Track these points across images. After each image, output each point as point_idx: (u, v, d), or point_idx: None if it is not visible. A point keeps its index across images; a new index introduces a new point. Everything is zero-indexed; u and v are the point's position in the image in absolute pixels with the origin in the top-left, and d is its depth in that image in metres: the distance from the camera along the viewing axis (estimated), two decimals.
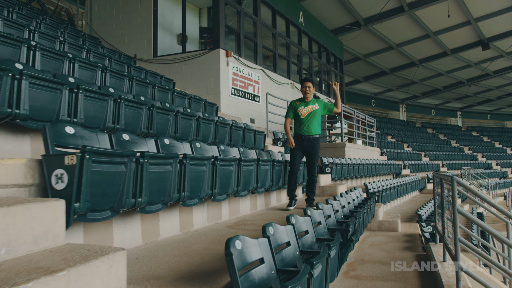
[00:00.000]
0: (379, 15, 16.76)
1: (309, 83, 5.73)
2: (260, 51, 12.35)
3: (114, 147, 3.27)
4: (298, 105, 5.84)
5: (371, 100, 30.80)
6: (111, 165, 2.44)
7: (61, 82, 3.53)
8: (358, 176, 11.12)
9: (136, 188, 2.64)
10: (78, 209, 2.21)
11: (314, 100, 5.91)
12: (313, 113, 5.77)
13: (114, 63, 7.44)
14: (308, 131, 5.75)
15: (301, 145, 5.75)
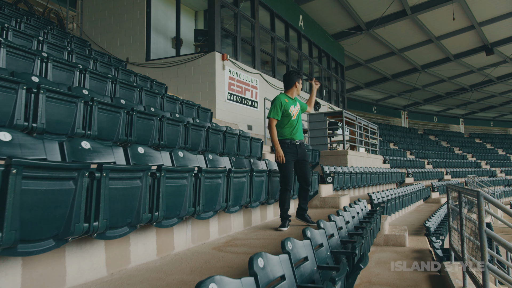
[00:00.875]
0: (381, 19, 16.32)
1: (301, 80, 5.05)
2: (258, 55, 11.87)
3: (66, 158, 2.73)
4: (288, 104, 4.84)
5: (373, 107, 30.31)
6: (52, 181, 1.92)
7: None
8: (361, 185, 10.57)
9: (91, 209, 2.10)
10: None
11: (296, 99, 5.10)
12: (300, 114, 5.02)
13: (100, 65, 6.94)
14: (300, 135, 4.93)
15: (295, 153, 4.83)
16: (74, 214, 2.03)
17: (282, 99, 4.85)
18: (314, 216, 6.22)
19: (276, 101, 4.84)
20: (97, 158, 2.92)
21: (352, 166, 10.71)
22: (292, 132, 4.83)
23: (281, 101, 4.81)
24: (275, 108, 4.80)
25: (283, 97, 4.89)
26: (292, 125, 4.84)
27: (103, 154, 2.97)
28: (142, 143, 4.37)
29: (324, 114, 11.94)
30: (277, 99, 4.87)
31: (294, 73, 4.95)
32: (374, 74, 24.16)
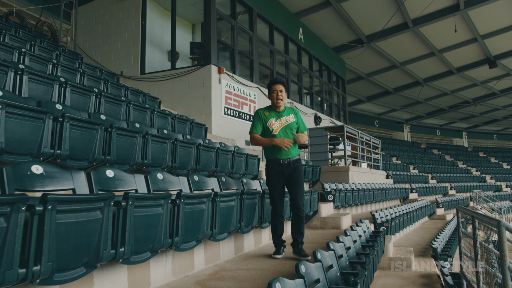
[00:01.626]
0: (382, 32, 16.07)
1: (281, 86, 4.23)
2: (256, 68, 11.56)
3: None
4: (267, 116, 4.25)
5: (375, 121, 29.95)
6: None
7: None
8: (363, 202, 10.14)
9: (30, 250, 1.76)
10: None
11: (289, 109, 4.38)
12: (289, 127, 4.24)
13: (88, 79, 6.60)
14: (286, 153, 4.19)
15: (280, 172, 4.18)
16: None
17: (261, 111, 4.31)
18: (314, 238, 5.80)
19: (255, 114, 4.35)
20: (52, 184, 2.53)
21: (354, 183, 10.29)
22: (275, 151, 4.20)
23: (259, 114, 4.29)
24: (252, 122, 4.33)
25: (264, 109, 4.33)
26: None
27: (59, 180, 2.58)
28: (123, 162, 4.00)
29: (324, 128, 11.58)
30: (256, 112, 4.38)
31: (272, 81, 4.32)
32: (376, 88, 23.86)
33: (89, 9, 11.48)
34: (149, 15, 10.66)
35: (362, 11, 14.79)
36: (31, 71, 4.34)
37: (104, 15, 11.12)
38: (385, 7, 14.58)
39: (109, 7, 11.07)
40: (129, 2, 10.70)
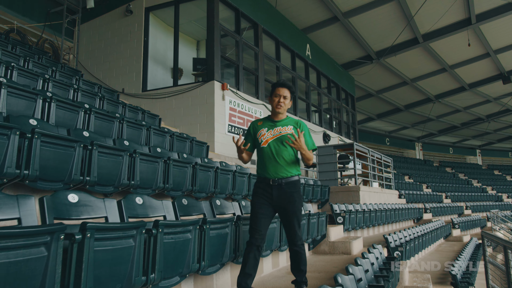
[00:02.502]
0: (392, 48, 15.72)
1: (287, 91, 3.46)
2: (262, 85, 11.23)
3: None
4: (259, 127, 3.55)
5: (385, 139, 29.37)
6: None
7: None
8: (375, 224, 9.60)
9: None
10: None
11: (291, 121, 3.55)
12: (283, 139, 3.41)
13: (83, 95, 6.30)
14: (277, 171, 3.37)
15: (268, 195, 3.33)
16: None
17: (255, 122, 3.64)
18: (322, 266, 5.31)
19: (248, 127, 3.71)
20: None
21: (365, 203, 9.77)
22: (263, 166, 3.44)
23: (251, 125, 3.64)
24: None
25: (260, 119, 3.66)
26: (262, 156, 3.47)
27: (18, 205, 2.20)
28: (106, 184, 3.61)
29: (333, 146, 11.13)
30: (250, 125, 3.72)
31: (276, 83, 3.59)
32: (386, 105, 23.41)
33: (92, 26, 11.33)
34: (152, 32, 10.45)
35: (370, 27, 14.49)
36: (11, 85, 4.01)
37: (106, 32, 10.95)
38: (394, 22, 14.26)
39: (112, 24, 10.90)
40: (132, 19, 10.52)
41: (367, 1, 12.89)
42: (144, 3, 10.43)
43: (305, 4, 12.75)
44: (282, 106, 3.46)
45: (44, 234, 1.67)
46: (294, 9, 12.95)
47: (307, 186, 8.48)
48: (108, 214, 2.68)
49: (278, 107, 3.46)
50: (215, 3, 9.63)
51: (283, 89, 3.47)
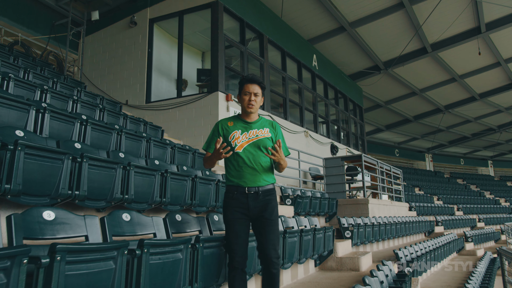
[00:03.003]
0: (400, 58, 15.51)
1: (257, 88, 3.08)
2: (267, 96, 11.05)
3: None
4: (230, 128, 3.12)
5: (395, 150, 28.98)
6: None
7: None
8: (385, 238, 9.29)
9: None
10: None
11: (266, 122, 3.22)
12: (262, 144, 3.06)
13: (83, 107, 6.16)
14: (254, 179, 3.03)
15: (243, 205, 2.98)
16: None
17: (223, 122, 3.18)
18: (328, 284, 5.03)
19: (214, 126, 3.23)
20: None
21: (375, 216, 9.48)
22: (238, 174, 3.03)
23: (218, 126, 3.17)
24: (209, 136, 3.22)
25: (228, 119, 3.20)
26: (236, 162, 3.04)
27: None
28: (97, 198, 3.42)
29: (341, 158, 10.87)
30: (216, 123, 3.24)
31: (244, 78, 3.17)
32: (395, 116, 23.11)
33: (96, 39, 11.30)
34: (156, 43, 10.37)
35: (378, 36, 14.31)
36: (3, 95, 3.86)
37: (111, 43, 10.90)
38: (402, 32, 14.06)
39: (116, 36, 10.86)
40: (136, 30, 10.46)
41: (374, 10, 12.74)
42: (149, 14, 10.38)
43: (311, 14, 12.63)
44: (253, 105, 3.06)
45: (5, 258, 1.47)
46: (300, 20, 12.84)
47: (314, 199, 8.24)
48: (89, 232, 2.42)
49: (249, 106, 3.06)
50: (219, 13, 9.53)
51: (252, 85, 3.07)
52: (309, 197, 8.09)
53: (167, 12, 10.17)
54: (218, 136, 3.09)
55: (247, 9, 10.63)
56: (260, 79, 3.14)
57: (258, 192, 3.02)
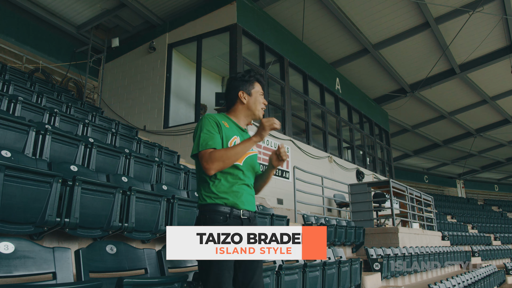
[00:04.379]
0: (427, 80, 14.96)
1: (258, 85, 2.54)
2: (289, 120, 10.69)
3: None
4: (229, 131, 2.40)
5: (424, 176, 27.91)
6: None
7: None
8: (418, 270, 8.55)
9: None
10: None
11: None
12: (255, 161, 2.51)
13: (94, 131, 5.95)
14: (250, 201, 2.40)
15: None
16: None
17: (218, 118, 2.42)
18: None
19: (205, 120, 2.38)
20: None
21: (405, 246, 8.79)
22: (234, 192, 2.31)
23: (215, 121, 2.37)
24: (202, 132, 2.31)
25: (219, 117, 2.45)
26: (237, 175, 2.35)
27: None
28: (93, 227, 3.07)
29: (367, 184, 10.29)
30: (205, 117, 2.42)
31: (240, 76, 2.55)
32: (423, 141, 22.27)
33: (116, 65, 11.32)
34: (175, 68, 10.26)
35: (403, 58, 13.87)
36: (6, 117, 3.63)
37: (130, 69, 10.88)
38: (428, 53, 13.58)
39: (135, 62, 10.84)
40: (155, 56, 10.41)
41: (398, 31, 12.36)
42: (167, 39, 10.33)
43: (333, 37, 12.36)
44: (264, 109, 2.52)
45: None
46: (321, 43, 12.58)
47: (339, 228, 7.69)
48: (58, 269, 1.99)
49: (262, 112, 2.52)
50: (238, 36, 9.35)
51: (260, 85, 2.53)
52: (333, 225, 7.56)
53: (186, 37, 10.08)
54: (218, 132, 2.33)
55: (266, 32, 10.44)
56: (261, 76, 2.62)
57: (251, 218, 2.34)
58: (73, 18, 10.91)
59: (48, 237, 2.87)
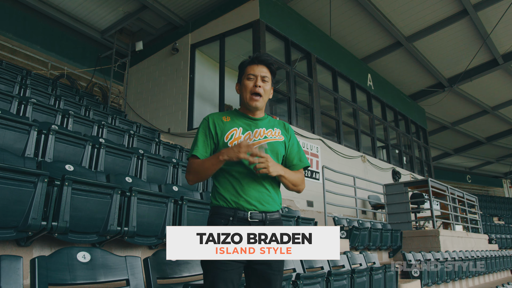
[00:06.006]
0: (466, 73, 14.07)
1: (265, 69, 2.13)
2: (318, 118, 10.21)
3: None
4: (226, 124, 2.13)
5: (466, 176, 26.50)
6: None
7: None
8: (462, 277, 7.87)
9: None
10: None
11: (276, 122, 2.25)
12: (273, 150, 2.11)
13: (110, 133, 5.74)
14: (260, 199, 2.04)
15: None
16: None
17: (217, 117, 2.17)
18: None
19: (200, 124, 2.19)
20: None
21: (448, 251, 8.11)
22: (235, 191, 2.03)
23: (209, 122, 2.14)
24: (196, 136, 2.15)
25: (221, 114, 2.20)
26: (235, 174, 2.05)
27: None
28: (87, 231, 2.77)
29: (404, 184, 9.64)
30: (202, 120, 2.20)
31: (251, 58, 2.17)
32: (464, 138, 21.09)
33: (140, 68, 11.25)
34: (198, 69, 10.03)
35: (439, 50, 13.06)
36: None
37: (154, 72, 10.77)
38: (467, 43, 12.72)
39: (159, 64, 10.71)
40: (178, 57, 10.23)
41: (432, 21, 11.62)
42: (190, 40, 10.13)
43: (363, 31, 11.77)
44: (261, 94, 2.10)
45: None
46: (351, 37, 12.02)
47: (373, 231, 7.15)
48: (4, 281, 1.58)
49: (254, 96, 2.09)
50: (261, 33, 9.00)
51: (259, 66, 2.11)
52: (367, 228, 7.02)
53: (208, 36, 9.84)
54: (208, 135, 2.10)
55: (292, 27, 10.04)
56: (271, 60, 2.17)
57: (264, 220, 2.02)
58: (97, 23, 10.95)
59: None
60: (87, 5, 10.25)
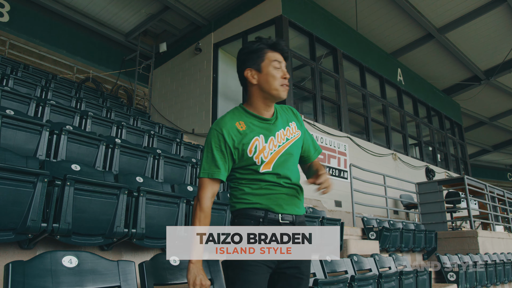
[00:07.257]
0: (504, 64, 13.31)
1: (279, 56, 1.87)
2: (345, 115, 9.88)
3: None
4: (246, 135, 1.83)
5: (507, 174, 25.23)
6: None
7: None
8: (505, 281, 7.35)
9: None
10: None
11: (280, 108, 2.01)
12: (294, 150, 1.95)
13: (128, 133, 5.67)
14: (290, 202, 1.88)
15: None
16: None
17: (230, 126, 1.85)
18: None
19: (209, 136, 1.91)
20: None
21: (488, 253, 7.61)
22: (267, 194, 1.85)
23: (224, 134, 1.83)
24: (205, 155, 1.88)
25: (232, 119, 1.89)
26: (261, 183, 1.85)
27: None
28: (91, 233, 2.64)
29: (438, 182, 9.16)
30: (210, 131, 1.92)
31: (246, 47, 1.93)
32: (504, 134, 20.06)
33: (164, 70, 11.28)
34: (222, 68, 9.92)
35: (473, 41, 12.41)
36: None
37: (177, 73, 10.75)
38: (505, 33, 12.02)
39: (183, 65, 10.68)
40: (201, 57, 10.16)
41: (466, 11, 11.03)
42: (213, 39, 10.04)
43: (391, 23, 11.33)
44: (286, 84, 1.87)
45: None
46: (378, 31, 11.59)
47: (405, 232, 6.79)
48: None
49: (285, 87, 1.87)
50: (284, 28, 8.78)
51: (275, 53, 1.87)
52: (399, 229, 6.67)
53: (231, 35, 9.72)
54: (224, 149, 1.84)
55: (316, 22, 9.76)
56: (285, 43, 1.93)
57: (294, 222, 1.88)
58: (120, 26, 11.04)
59: None
60: (110, 9, 10.35)
